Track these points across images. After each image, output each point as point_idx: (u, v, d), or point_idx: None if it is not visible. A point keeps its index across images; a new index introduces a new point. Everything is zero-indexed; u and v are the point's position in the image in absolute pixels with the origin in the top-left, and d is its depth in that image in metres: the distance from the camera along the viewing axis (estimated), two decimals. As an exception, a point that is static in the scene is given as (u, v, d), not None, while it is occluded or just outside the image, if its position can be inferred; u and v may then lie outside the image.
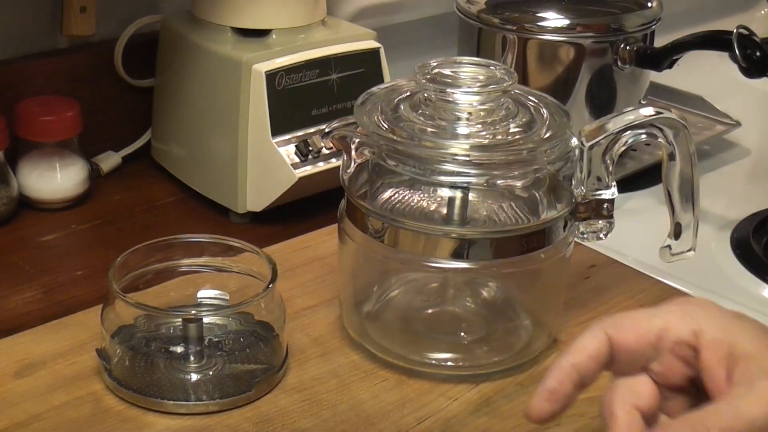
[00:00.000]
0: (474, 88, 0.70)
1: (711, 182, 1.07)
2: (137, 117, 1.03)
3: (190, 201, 0.97)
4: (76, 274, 0.86)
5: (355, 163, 0.71)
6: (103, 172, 1.01)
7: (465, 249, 0.69)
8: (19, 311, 0.80)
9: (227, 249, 0.75)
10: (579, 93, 1.03)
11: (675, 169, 0.73)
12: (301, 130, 0.92)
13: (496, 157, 0.68)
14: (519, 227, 0.70)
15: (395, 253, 0.71)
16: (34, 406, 0.67)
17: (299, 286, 0.81)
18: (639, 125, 0.72)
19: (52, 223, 0.93)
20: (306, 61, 0.91)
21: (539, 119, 0.71)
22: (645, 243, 0.81)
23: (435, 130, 0.69)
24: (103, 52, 1.00)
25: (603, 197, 0.72)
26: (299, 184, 0.90)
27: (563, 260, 0.73)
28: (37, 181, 0.94)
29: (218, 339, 0.72)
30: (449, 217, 0.70)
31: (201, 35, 0.94)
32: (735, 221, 1.01)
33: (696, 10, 1.47)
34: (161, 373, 0.69)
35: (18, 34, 0.98)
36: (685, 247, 0.75)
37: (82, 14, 0.96)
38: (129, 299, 0.68)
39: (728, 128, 1.17)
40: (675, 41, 1.01)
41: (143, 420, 0.67)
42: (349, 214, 0.73)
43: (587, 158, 0.71)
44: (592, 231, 0.73)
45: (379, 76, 0.96)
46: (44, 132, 0.94)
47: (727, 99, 1.21)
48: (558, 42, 1.02)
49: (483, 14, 1.05)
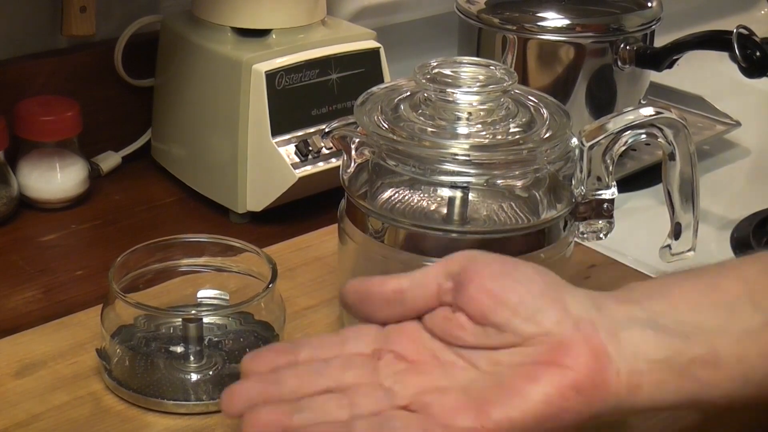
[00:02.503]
0: (474, 88, 0.70)
1: (711, 182, 1.06)
2: (137, 117, 1.03)
3: (190, 201, 0.97)
4: (76, 274, 0.86)
5: (355, 163, 0.71)
6: (103, 172, 1.01)
7: (465, 249, 0.69)
8: (19, 311, 0.80)
9: (227, 249, 0.75)
10: (579, 93, 1.03)
11: (675, 169, 0.73)
12: (301, 130, 0.92)
13: (496, 157, 0.68)
14: (519, 227, 0.70)
15: (395, 253, 0.71)
16: (34, 406, 0.67)
17: (299, 286, 0.81)
18: (639, 125, 0.72)
19: (52, 223, 0.93)
20: (306, 61, 0.91)
21: (539, 119, 0.71)
22: (645, 243, 0.81)
23: (435, 130, 0.69)
24: (103, 52, 1.00)
25: (603, 197, 0.72)
26: (299, 184, 0.90)
27: (563, 260, 0.73)
28: (37, 181, 0.94)
29: (218, 339, 0.72)
30: (449, 217, 0.70)
31: (201, 35, 0.94)
32: (735, 221, 1.00)
33: (696, 10, 1.47)
34: (161, 373, 0.69)
35: (18, 34, 0.98)
36: (685, 247, 0.75)
37: (82, 14, 0.96)
38: (129, 299, 0.68)
39: (728, 128, 1.17)
40: (675, 41, 1.01)
41: (143, 420, 0.67)
42: (349, 214, 0.73)
43: (587, 158, 0.71)
44: (592, 231, 0.74)
45: (379, 76, 0.96)
46: (44, 132, 0.94)
47: (727, 99, 1.21)
48: (558, 42, 1.02)
49: (483, 14, 1.05)
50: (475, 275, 0.57)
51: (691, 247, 0.75)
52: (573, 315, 0.56)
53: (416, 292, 0.58)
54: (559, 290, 0.57)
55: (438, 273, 0.58)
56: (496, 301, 0.56)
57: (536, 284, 0.57)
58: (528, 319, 0.55)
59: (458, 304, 0.57)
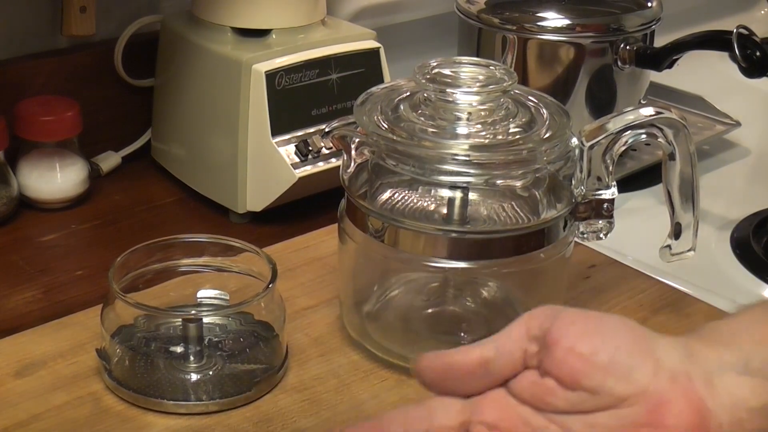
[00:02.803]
0: (474, 88, 0.70)
1: (711, 182, 1.06)
2: (137, 117, 1.03)
3: (190, 201, 0.97)
4: (76, 274, 0.86)
5: (355, 162, 0.71)
6: (103, 172, 1.01)
7: (465, 249, 0.69)
8: (19, 311, 0.80)
9: (227, 249, 0.75)
10: (579, 93, 1.03)
11: (675, 169, 0.73)
12: (301, 130, 0.92)
13: (496, 157, 0.68)
14: (519, 227, 0.70)
15: (395, 253, 0.71)
16: (34, 406, 0.67)
17: (299, 286, 0.81)
18: (639, 125, 0.72)
19: (52, 223, 0.93)
20: (306, 61, 0.91)
21: (539, 119, 0.71)
22: (645, 243, 0.81)
23: (435, 130, 0.69)
24: (103, 52, 1.00)
25: (603, 197, 0.72)
26: (299, 184, 0.90)
27: (563, 260, 0.73)
28: (37, 181, 0.94)
29: (218, 339, 0.72)
30: (449, 217, 0.70)
31: (201, 35, 0.94)
32: (735, 221, 1.01)
33: (696, 10, 1.47)
34: (161, 373, 0.69)
35: (18, 34, 0.98)
36: (685, 247, 0.75)
37: (82, 14, 0.96)
38: (129, 299, 0.68)
39: (728, 128, 1.17)
40: (675, 41, 1.01)
41: (143, 420, 0.67)
42: (349, 213, 0.73)
43: (587, 158, 0.71)
44: (592, 231, 0.73)
45: (379, 76, 0.96)
46: (44, 132, 0.94)
47: (727, 99, 1.21)
48: (558, 42, 1.02)
49: (483, 14, 1.05)
50: (561, 338, 0.52)
51: (691, 247, 0.75)
52: (667, 368, 0.52)
53: (502, 361, 0.54)
54: (649, 342, 0.53)
55: (522, 336, 0.54)
56: (586, 364, 0.52)
57: (625, 339, 0.53)
58: (622, 378, 0.51)
59: (545, 369, 0.53)
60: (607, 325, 0.54)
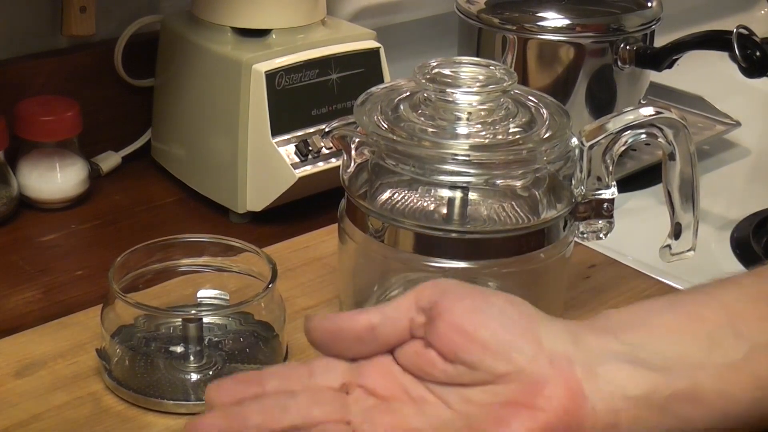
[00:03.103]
0: (474, 88, 0.70)
1: (711, 182, 1.07)
2: (137, 117, 1.03)
3: (190, 201, 0.97)
4: (76, 274, 0.86)
5: (355, 162, 0.71)
6: (103, 172, 1.01)
7: (465, 249, 0.69)
8: (19, 311, 0.80)
9: (227, 249, 0.75)
10: (579, 93, 1.03)
11: (675, 169, 0.73)
12: (301, 130, 0.92)
13: (496, 157, 0.68)
14: (519, 227, 0.70)
15: (395, 253, 0.71)
16: (34, 406, 0.67)
17: (299, 286, 0.81)
18: (639, 125, 0.72)
19: (52, 223, 0.93)
20: (306, 61, 0.91)
21: (539, 119, 0.71)
22: (645, 243, 0.81)
23: (435, 130, 0.69)
24: (103, 52, 1.00)
25: (603, 197, 0.72)
26: (299, 184, 0.90)
27: (563, 260, 0.73)
28: (37, 181, 0.94)
29: (218, 339, 0.72)
30: (449, 217, 0.70)
31: (201, 35, 0.94)
32: (735, 221, 1.01)
33: (696, 10, 1.47)
34: (161, 373, 0.69)
35: (18, 34, 0.98)
36: (685, 247, 0.75)
37: (82, 14, 0.96)
38: (129, 299, 0.68)
39: (728, 128, 1.17)
40: (675, 41, 1.01)
41: (143, 420, 0.67)
42: (349, 213, 0.73)
43: (587, 158, 0.71)
44: (592, 231, 0.73)
45: (379, 76, 0.96)
46: (44, 132, 0.94)
47: (727, 99, 1.21)
48: (558, 42, 1.02)
49: (483, 14, 1.05)
50: (445, 311, 0.54)
51: (691, 247, 0.75)
52: (547, 350, 0.54)
53: (388, 328, 0.56)
54: (534, 323, 0.55)
55: (410, 307, 0.56)
56: (466, 339, 0.53)
57: (509, 318, 0.55)
58: (500, 356, 0.53)
59: (429, 341, 0.55)
60: (495, 304, 0.56)
